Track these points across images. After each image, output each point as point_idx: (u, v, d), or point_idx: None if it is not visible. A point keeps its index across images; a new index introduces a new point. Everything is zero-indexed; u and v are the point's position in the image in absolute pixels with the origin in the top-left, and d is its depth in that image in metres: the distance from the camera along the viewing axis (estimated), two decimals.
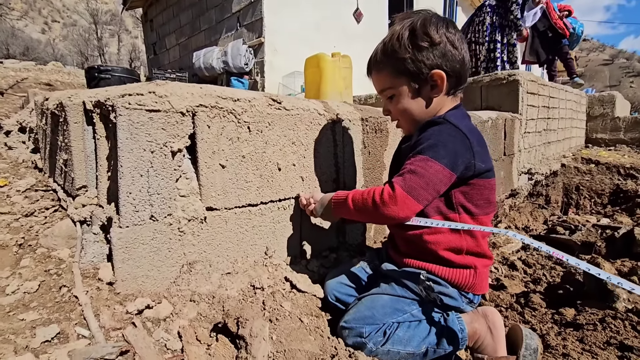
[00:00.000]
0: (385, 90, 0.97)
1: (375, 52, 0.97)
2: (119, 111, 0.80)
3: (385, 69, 0.94)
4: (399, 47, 0.89)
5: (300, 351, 0.75)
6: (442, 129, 0.86)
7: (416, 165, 0.82)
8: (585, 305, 1.40)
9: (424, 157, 0.82)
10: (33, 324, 0.69)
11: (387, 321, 0.85)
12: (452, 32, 0.89)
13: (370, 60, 1.00)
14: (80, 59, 33.56)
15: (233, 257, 1.02)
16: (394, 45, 0.90)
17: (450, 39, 0.88)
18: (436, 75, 0.87)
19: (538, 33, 4.91)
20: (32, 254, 0.92)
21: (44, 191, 1.24)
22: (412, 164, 0.82)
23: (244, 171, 1.03)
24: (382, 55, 0.94)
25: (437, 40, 0.87)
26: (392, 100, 0.96)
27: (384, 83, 0.96)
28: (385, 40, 0.94)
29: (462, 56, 0.90)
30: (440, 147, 0.82)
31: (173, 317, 0.79)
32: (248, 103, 1.02)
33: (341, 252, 1.30)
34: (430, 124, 0.89)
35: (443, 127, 0.87)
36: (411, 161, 0.83)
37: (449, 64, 0.88)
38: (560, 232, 2.69)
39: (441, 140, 0.84)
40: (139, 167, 0.83)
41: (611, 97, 4.78)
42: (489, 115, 2.33)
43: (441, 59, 0.87)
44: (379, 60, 0.95)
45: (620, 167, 3.73)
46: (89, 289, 0.80)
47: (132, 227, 0.83)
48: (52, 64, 10.54)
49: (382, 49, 0.94)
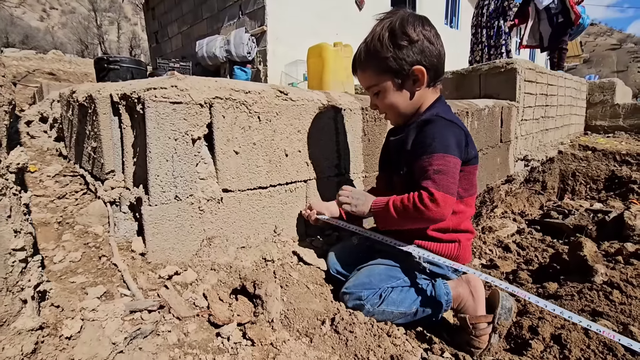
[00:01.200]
0: (371, 87, 1.04)
1: (359, 52, 1.04)
2: (147, 103, 0.91)
3: (369, 68, 1.02)
4: (380, 47, 0.96)
5: (307, 310, 0.88)
6: (440, 125, 0.95)
7: (437, 164, 0.88)
8: (567, 280, 1.53)
9: (439, 154, 0.89)
10: (82, 285, 0.81)
11: (383, 286, 0.98)
12: (427, 29, 0.96)
13: (354, 60, 1.06)
14: (79, 47, 33.34)
15: (246, 234, 1.15)
16: (375, 46, 0.97)
17: (426, 35, 0.95)
18: (417, 71, 0.96)
19: (548, 15, 4.67)
20: (71, 230, 1.04)
21: (71, 176, 1.36)
22: (434, 165, 0.89)
23: (255, 157, 1.14)
24: (365, 55, 1.01)
25: (415, 38, 0.94)
26: (379, 96, 1.04)
27: (369, 81, 1.04)
28: (367, 40, 1.00)
29: (439, 50, 0.98)
30: (448, 141, 0.92)
31: (198, 282, 0.92)
32: (258, 95, 1.13)
33: (343, 231, 1.42)
34: (426, 123, 0.97)
35: (441, 123, 0.95)
36: (429, 162, 0.89)
37: (427, 59, 0.96)
38: (554, 216, 2.80)
39: (445, 135, 0.93)
40: (165, 153, 0.95)
41: (611, 84, 4.81)
42: (486, 103, 2.42)
43: (420, 55, 0.95)
44: (363, 60, 1.02)
45: (617, 153, 3.81)
46: (124, 258, 0.93)
47: (160, 205, 0.95)
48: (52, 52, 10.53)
49: (365, 49, 1.01)
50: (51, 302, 0.61)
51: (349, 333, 0.83)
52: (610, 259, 1.76)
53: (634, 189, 3.15)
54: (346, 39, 5.46)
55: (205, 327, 0.77)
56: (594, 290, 1.33)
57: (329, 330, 0.83)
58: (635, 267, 1.63)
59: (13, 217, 0.50)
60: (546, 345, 0.96)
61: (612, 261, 1.73)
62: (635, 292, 1.28)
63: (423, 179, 0.90)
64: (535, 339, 0.98)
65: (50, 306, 0.60)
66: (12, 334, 0.49)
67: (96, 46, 33.30)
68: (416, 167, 0.93)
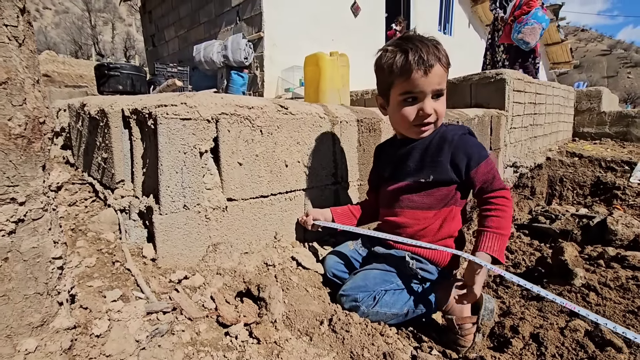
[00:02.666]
0: (440, 86, 1.02)
1: (433, 47, 1.00)
2: (159, 120, 0.98)
3: (444, 67, 1.02)
4: (443, 51, 1.02)
5: (307, 311, 0.96)
6: (473, 138, 1.10)
7: (492, 169, 1.04)
8: (550, 283, 1.62)
9: (485, 161, 1.04)
10: (99, 289, 0.88)
11: (377, 289, 1.06)
12: None
13: (432, 53, 0.99)
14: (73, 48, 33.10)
15: (249, 240, 1.22)
16: (442, 48, 1.03)
17: None
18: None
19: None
20: (84, 236, 1.11)
21: (80, 184, 1.42)
22: (490, 172, 1.03)
23: (257, 168, 1.22)
24: (443, 52, 1.01)
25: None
26: (439, 100, 1.04)
27: (442, 80, 1.02)
28: (435, 42, 1.02)
29: None
30: (483, 149, 1.08)
31: (205, 286, 0.99)
32: (260, 110, 1.21)
33: (339, 237, 1.50)
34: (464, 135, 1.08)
35: (470, 136, 1.11)
36: (486, 170, 1.03)
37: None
38: (542, 221, 2.91)
39: (478, 144, 1.08)
40: (175, 166, 1.02)
41: (598, 92, 4.98)
42: (476, 112, 2.52)
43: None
44: (442, 57, 1.00)
45: (602, 160, 3.94)
46: (137, 263, 1.00)
47: (170, 214, 1.02)
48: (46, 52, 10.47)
49: (437, 46, 1.01)
50: (80, 305, 0.68)
51: (345, 332, 0.90)
52: (593, 263, 1.86)
53: (617, 194, 3.28)
54: (342, 44, 5.57)
55: (214, 327, 0.84)
56: (573, 292, 1.42)
57: (327, 330, 0.91)
58: (615, 270, 1.73)
59: (53, 229, 0.57)
60: (525, 343, 1.05)
61: (594, 264, 1.83)
62: (610, 294, 1.38)
63: (488, 186, 1.03)
64: (516, 338, 1.07)
65: (79, 308, 0.67)
66: (52, 332, 0.56)
67: (90, 47, 33.09)
68: (478, 172, 1.04)
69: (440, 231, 1.10)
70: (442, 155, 1.07)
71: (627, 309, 1.27)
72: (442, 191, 1.09)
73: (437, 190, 1.09)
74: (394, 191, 1.18)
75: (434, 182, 1.08)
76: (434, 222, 1.09)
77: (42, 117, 0.53)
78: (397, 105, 1.07)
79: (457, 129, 1.10)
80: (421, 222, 1.10)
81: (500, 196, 1.01)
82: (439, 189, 1.09)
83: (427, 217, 1.10)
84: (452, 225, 1.11)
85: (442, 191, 1.09)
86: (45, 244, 0.55)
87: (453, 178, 1.07)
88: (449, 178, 1.07)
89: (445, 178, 1.07)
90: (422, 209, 1.11)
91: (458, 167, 1.05)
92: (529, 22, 4.08)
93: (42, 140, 0.54)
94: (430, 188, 1.09)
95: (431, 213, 1.10)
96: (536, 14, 4.08)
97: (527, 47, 4.19)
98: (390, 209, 1.19)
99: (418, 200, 1.11)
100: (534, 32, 4.04)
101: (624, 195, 3.20)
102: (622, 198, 3.19)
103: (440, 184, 1.08)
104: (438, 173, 1.07)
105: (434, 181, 1.08)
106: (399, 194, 1.16)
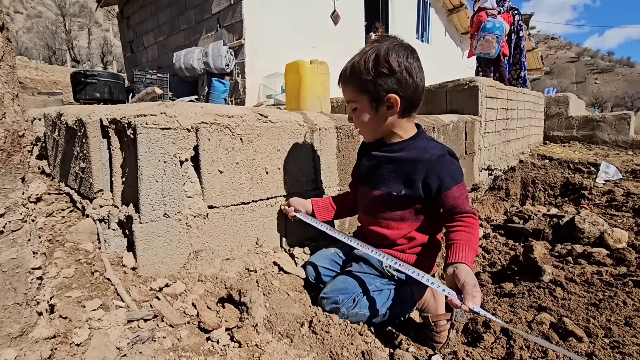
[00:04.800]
0: (350, 102, 1.14)
1: (346, 68, 1.13)
2: (138, 130, 1.00)
3: (351, 85, 1.11)
4: (364, 69, 1.06)
5: (288, 314, 0.98)
6: (450, 159, 1.11)
7: (464, 194, 1.07)
8: (521, 280, 1.71)
9: (457, 186, 1.06)
10: (79, 299, 0.88)
11: (356, 291, 1.10)
12: (410, 62, 1.04)
13: (341, 74, 1.15)
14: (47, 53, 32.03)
15: (230, 246, 1.24)
16: (360, 67, 1.07)
17: (407, 68, 1.03)
18: (392, 98, 1.05)
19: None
20: (62, 247, 1.10)
21: (57, 194, 1.40)
22: (461, 197, 1.06)
23: (238, 175, 1.24)
24: (350, 72, 1.10)
25: (396, 69, 1.02)
26: (355, 112, 1.14)
27: (349, 96, 1.14)
28: (355, 60, 1.08)
29: (416, 83, 1.06)
30: (458, 173, 1.10)
31: (187, 293, 1.00)
32: (240, 118, 1.23)
33: (320, 242, 1.53)
34: (442, 157, 1.09)
35: (449, 157, 1.11)
36: (457, 195, 1.05)
37: (403, 90, 1.04)
38: (516, 221, 3.04)
39: (454, 168, 1.10)
40: (155, 175, 1.03)
41: (565, 97, 5.25)
42: (451, 118, 2.63)
43: (397, 85, 1.04)
44: (347, 76, 1.11)
45: (570, 162, 4.16)
46: (117, 273, 1.00)
47: (150, 223, 1.03)
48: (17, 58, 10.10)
49: (351, 67, 1.09)
50: (59, 314, 0.68)
51: (325, 333, 0.94)
52: (562, 260, 1.97)
53: (584, 194, 3.46)
54: (323, 52, 5.66)
55: (196, 333, 0.86)
56: (541, 288, 1.50)
57: (307, 331, 0.94)
58: (582, 266, 1.84)
59: (32, 240, 0.58)
60: (496, 337, 1.11)
61: (563, 261, 1.94)
62: (575, 288, 1.47)
63: (460, 206, 1.05)
64: (488, 333, 1.13)
65: (59, 318, 0.67)
66: (31, 342, 0.56)
67: (65, 52, 32.09)
68: (449, 196, 1.06)
69: (415, 240, 1.14)
70: (416, 174, 1.09)
71: (590, 302, 1.36)
72: (413, 205, 1.12)
73: (409, 203, 1.12)
74: (368, 197, 1.22)
75: (405, 196, 1.11)
76: (408, 232, 1.14)
77: (21, 130, 0.54)
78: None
79: (436, 149, 1.11)
80: (394, 231, 1.15)
81: (469, 217, 1.04)
82: (411, 203, 1.12)
83: (400, 227, 1.14)
84: (425, 234, 1.15)
85: (413, 205, 1.12)
86: (25, 254, 0.56)
87: (422, 196, 1.10)
88: (418, 195, 1.10)
89: (416, 195, 1.10)
90: (395, 220, 1.15)
91: (430, 187, 1.08)
92: (481, 36, 4.40)
93: (21, 152, 0.55)
94: (402, 201, 1.12)
95: (405, 224, 1.14)
96: (485, 27, 4.41)
97: (492, 56, 4.43)
98: (366, 215, 1.24)
99: (390, 212, 1.14)
100: (489, 43, 4.34)
101: (591, 195, 3.39)
102: (589, 198, 3.37)
103: (411, 198, 1.11)
104: (410, 190, 1.10)
105: (405, 195, 1.11)
106: (373, 202, 1.20)
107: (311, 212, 1.32)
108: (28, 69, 12.40)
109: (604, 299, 1.35)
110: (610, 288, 1.47)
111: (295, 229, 1.46)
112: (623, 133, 4.90)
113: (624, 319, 1.18)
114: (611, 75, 73.91)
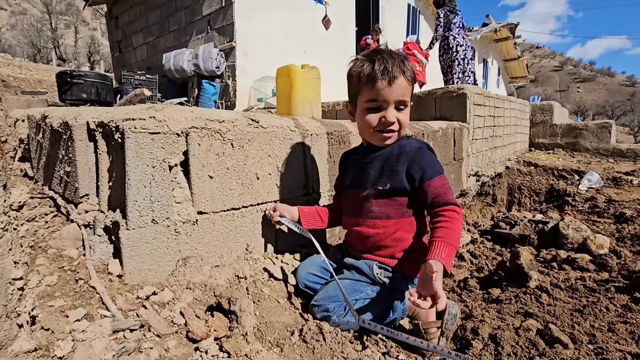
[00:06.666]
0: (403, 97, 1.09)
1: (398, 61, 1.07)
2: (126, 134, 0.97)
3: (408, 81, 1.08)
4: (409, 64, 1.09)
5: (278, 322, 0.97)
6: (429, 152, 1.15)
7: (445, 185, 1.09)
8: (509, 286, 1.73)
9: (439, 176, 1.09)
10: (62, 308, 0.85)
11: None
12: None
13: (397, 66, 1.06)
14: (31, 51, 31.25)
15: (220, 253, 1.22)
16: (408, 61, 1.10)
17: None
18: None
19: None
20: (45, 254, 1.06)
21: (40, 198, 1.36)
22: (442, 187, 1.08)
23: (228, 180, 1.22)
24: (408, 67, 1.08)
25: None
26: (402, 111, 1.11)
27: (402, 91, 1.08)
28: (402, 57, 1.09)
29: None
30: (438, 165, 1.13)
31: (174, 301, 0.98)
32: (231, 123, 1.22)
33: (310, 248, 1.52)
34: (421, 149, 1.13)
35: (427, 151, 1.15)
36: (438, 185, 1.08)
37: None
38: (503, 227, 3.09)
39: (434, 160, 1.13)
40: (143, 180, 1.01)
41: (550, 106, 5.40)
42: (440, 125, 2.66)
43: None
44: (406, 71, 1.07)
45: (555, 169, 4.27)
46: (102, 281, 0.97)
47: (137, 229, 1.01)
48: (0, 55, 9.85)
49: (402, 60, 1.07)
50: (41, 326, 0.66)
51: (315, 342, 0.93)
52: (547, 265, 2.01)
53: (568, 201, 3.54)
54: (314, 56, 5.68)
55: (184, 343, 0.84)
56: (528, 294, 1.53)
57: (297, 340, 0.93)
58: (566, 271, 1.88)
59: (13, 249, 0.56)
60: (485, 344, 1.12)
61: (548, 267, 1.97)
62: (560, 294, 1.50)
63: (443, 196, 1.07)
64: (476, 339, 1.14)
65: (40, 329, 0.65)
66: (11, 356, 0.54)
67: (50, 50, 31.36)
68: (431, 186, 1.08)
69: (401, 241, 1.15)
70: (399, 165, 1.12)
71: (575, 308, 1.39)
72: (399, 201, 1.15)
73: (394, 200, 1.14)
74: (355, 199, 1.23)
75: (390, 190, 1.14)
76: (394, 231, 1.15)
77: (4, 136, 0.53)
78: (363, 111, 1.13)
79: (415, 143, 1.16)
80: (381, 230, 1.16)
81: (451, 210, 1.06)
82: (396, 198, 1.14)
83: (386, 225, 1.15)
84: (412, 236, 1.16)
85: (399, 201, 1.15)
86: (5, 264, 0.54)
87: (407, 187, 1.12)
88: (403, 187, 1.12)
89: (400, 187, 1.12)
90: (381, 218, 1.16)
91: (413, 177, 1.11)
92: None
93: (3, 159, 0.53)
94: (387, 197, 1.14)
95: (390, 222, 1.15)
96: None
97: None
98: (353, 217, 1.24)
99: (377, 209, 1.16)
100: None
101: (574, 202, 3.47)
102: (572, 204, 3.46)
103: (396, 192, 1.14)
104: (394, 182, 1.13)
105: (391, 189, 1.13)
106: (360, 203, 1.21)
107: (297, 219, 1.31)
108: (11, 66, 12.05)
109: (588, 304, 1.38)
110: (594, 294, 1.50)
111: (286, 235, 1.45)
112: (604, 141, 5.06)
113: (607, 325, 1.20)
114: (593, 84, 76.47)
